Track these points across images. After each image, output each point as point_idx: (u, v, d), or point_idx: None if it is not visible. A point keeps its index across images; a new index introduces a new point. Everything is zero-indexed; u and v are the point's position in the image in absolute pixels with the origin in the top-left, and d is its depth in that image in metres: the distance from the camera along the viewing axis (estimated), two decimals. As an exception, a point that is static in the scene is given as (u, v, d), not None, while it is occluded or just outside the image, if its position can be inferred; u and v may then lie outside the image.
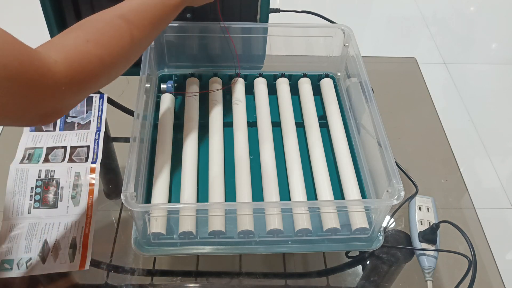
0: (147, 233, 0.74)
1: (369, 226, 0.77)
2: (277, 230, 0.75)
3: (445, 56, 2.34)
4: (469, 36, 2.52)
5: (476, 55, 2.39)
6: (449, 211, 0.91)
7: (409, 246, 0.82)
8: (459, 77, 2.23)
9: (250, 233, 0.76)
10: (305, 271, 0.84)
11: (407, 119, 1.09)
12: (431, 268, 0.78)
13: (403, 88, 1.18)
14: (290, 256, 0.84)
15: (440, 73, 2.26)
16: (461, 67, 2.29)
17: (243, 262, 0.82)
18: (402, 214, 0.86)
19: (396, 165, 0.74)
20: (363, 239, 0.78)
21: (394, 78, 1.20)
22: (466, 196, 0.95)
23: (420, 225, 0.82)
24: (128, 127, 0.76)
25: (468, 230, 0.88)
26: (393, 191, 0.71)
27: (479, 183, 1.78)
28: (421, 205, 0.85)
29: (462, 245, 0.76)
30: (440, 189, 0.95)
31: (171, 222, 0.76)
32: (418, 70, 1.21)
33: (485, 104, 2.11)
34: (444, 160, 1.01)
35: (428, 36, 2.46)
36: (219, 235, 0.76)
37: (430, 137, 1.07)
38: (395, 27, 2.50)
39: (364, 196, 0.82)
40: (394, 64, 1.30)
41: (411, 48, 2.40)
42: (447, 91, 2.17)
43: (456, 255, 0.77)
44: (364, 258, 0.83)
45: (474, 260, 0.74)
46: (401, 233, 0.84)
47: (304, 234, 0.77)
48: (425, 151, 1.02)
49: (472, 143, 1.94)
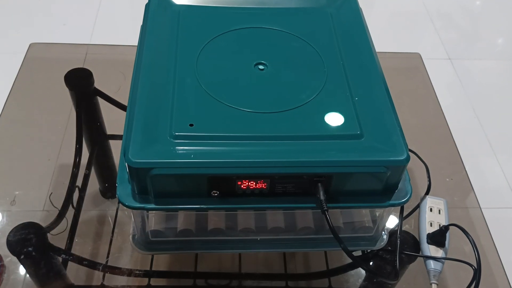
0: (146, 231, 0.75)
1: (373, 225, 0.77)
2: (278, 228, 0.76)
3: (450, 51, 2.35)
4: (475, 31, 2.52)
5: (482, 50, 2.39)
6: (455, 211, 0.91)
7: (415, 247, 0.82)
8: (465, 73, 2.23)
9: (251, 231, 0.76)
10: (306, 272, 0.85)
11: (411, 116, 1.09)
12: (437, 271, 0.77)
13: (406, 85, 1.18)
14: (291, 256, 0.85)
15: (445, 69, 2.26)
16: (466, 62, 2.30)
17: (243, 263, 0.83)
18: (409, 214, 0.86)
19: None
20: (366, 238, 0.79)
21: (397, 74, 1.20)
22: (472, 196, 0.96)
23: (430, 227, 0.82)
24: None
25: (474, 231, 0.88)
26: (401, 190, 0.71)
27: (485, 182, 1.78)
28: (433, 206, 0.84)
29: (468, 247, 0.76)
30: (445, 188, 0.96)
31: (171, 219, 0.77)
32: (422, 66, 1.21)
33: (491, 101, 2.12)
34: (449, 159, 1.02)
35: (433, 31, 2.46)
36: (219, 233, 0.76)
37: (435, 135, 1.07)
38: (399, 21, 2.51)
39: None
40: (397, 60, 1.30)
41: (415, 43, 2.40)
42: (452, 87, 2.17)
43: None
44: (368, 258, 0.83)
45: (478, 269, 0.74)
46: (407, 235, 0.85)
47: (306, 232, 0.77)
48: (429, 149, 1.03)
49: (478, 141, 1.94)
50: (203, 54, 0.77)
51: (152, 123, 0.67)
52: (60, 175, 0.95)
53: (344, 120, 0.69)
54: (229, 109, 0.69)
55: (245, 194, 0.67)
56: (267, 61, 0.77)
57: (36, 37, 1.43)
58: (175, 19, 0.82)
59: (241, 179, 0.65)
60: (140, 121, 0.67)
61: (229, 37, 0.81)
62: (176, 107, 0.69)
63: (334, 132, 0.68)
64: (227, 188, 0.66)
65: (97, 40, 2.16)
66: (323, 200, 0.65)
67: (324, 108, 0.71)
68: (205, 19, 0.83)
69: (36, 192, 0.93)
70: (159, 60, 0.76)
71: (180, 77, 0.73)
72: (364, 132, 0.68)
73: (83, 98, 1.06)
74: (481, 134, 1.96)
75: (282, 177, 0.66)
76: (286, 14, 0.85)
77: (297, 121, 0.69)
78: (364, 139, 0.67)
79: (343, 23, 0.84)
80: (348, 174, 0.66)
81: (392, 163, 0.66)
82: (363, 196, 0.69)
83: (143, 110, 0.68)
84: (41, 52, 1.22)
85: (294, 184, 0.67)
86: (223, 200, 0.68)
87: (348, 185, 0.68)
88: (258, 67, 0.76)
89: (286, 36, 0.82)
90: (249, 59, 0.77)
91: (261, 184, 0.66)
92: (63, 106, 1.06)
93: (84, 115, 1.02)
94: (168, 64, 0.75)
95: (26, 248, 0.80)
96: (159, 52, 0.77)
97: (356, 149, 0.66)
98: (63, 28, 2.24)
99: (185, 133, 0.65)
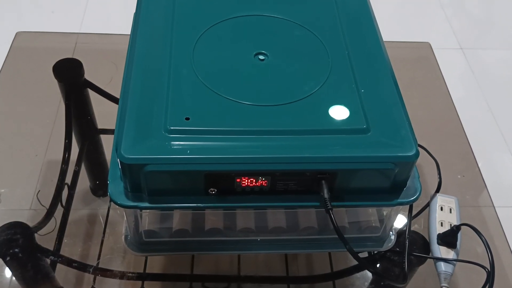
0: (139, 231, 0.75)
1: (380, 225, 0.77)
2: (279, 228, 0.76)
3: (462, 40, 2.34)
4: (489, 19, 2.52)
5: (497, 39, 2.39)
6: (467, 209, 0.91)
7: (425, 248, 0.82)
8: (477, 64, 2.23)
9: (251, 231, 0.76)
10: (309, 275, 0.85)
11: (420, 109, 1.09)
12: (448, 274, 0.77)
13: (416, 76, 1.18)
14: (293, 258, 0.85)
15: (456, 59, 2.26)
16: (479, 52, 2.29)
17: (242, 265, 0.83)
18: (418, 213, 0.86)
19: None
20: (373, 238, 0.79)
21: (406, 65, 1.20)
22: (485, 194, 0.96)
23: (440, 227, 0.81)
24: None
25: (487, 230, 0.88)
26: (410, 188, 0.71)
27: (499, 179, 1.78)
28: (443, 205, 0.84)
29: (481, 248, 0.76)
30: (457, 185, 0.96)
31: (165, 219, 0.77)
32: (432, 56, 1.21)
33: (505, 93, 2.12)
34: (460, 154, 1.02)
35: (444, 19, 2.46)
36: (217, 234, 0.76)
37: (446, 129, 1.07)
38: (407, 8, 2.50)
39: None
40: (406, 50, 1.30)
41: (425, 31, 2.40)
42: (464, 79, 2.17)
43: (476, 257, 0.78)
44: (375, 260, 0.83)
45: (492, 272, 0.74)
46: (416, 235, 0.85)
47: (309, 232, 0.77)
48: (440, 144, 1.03)
49: (492, 136, 1.94)
50: (200, 44, 0.77)
51: (146, 117, 0.66)
52: (48, 171, 0.95)
53: (350, 114, 0.69)
54: (227, 102, 0.69)
55: (244, 192, 0.67)
56: (267, 51, 0.76)
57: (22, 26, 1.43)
58: (170, 6, 0.82)
59: (240, 176, 0.65)
60: (133, 115, 0.66)
61: (228, 26, 0.81)
62: (171, 99, 0.68)
63: (338, 126, 0.68)
64: (226, 185, 0.66)
65: (88, 28, 2.16)
66: (327, 198, 0.65)
67: (328, 100, 0.70)
68: (202, 6, 0.83)
69: (23, 190, 0.93)
70: (153, 50, 0.75)
71: (176, 67, 0.73)
72: (371, 126, 0.67)
73: (72, 90, 1.06)
74: (495, 128, 1.96)
75: (284, 174, 0.65)
76: (288, 1, 0.85)
77: (299, 115, 0.69)
78: (370, 134, 0.67)
79: (348, 10, 0.84)
80: (354, 171, 0.66)
81: (400, 159, 0.65)
82: (370, 194, 0.69)
83: (136, 103, 0.68)
84: (28, 42, 1.22)
85: (297, 182, 0.67)
86: (221, 198, 0.67)
87: (353, 182, 0.68)
88: (258, 57, 0.76)
89: (287, 24, 0.81)
90: (248, 48, 0.77)
91: (262, 182, 0.66)
92: (51, 99, 1.06)
93: (73, 108, 1.02)
94: (163, 54, 0.75)
95: (12, 249, 0.80)
96: (153, 41, 0.77)
97: (362, 144, 0.66)
98: (51, 15, 2.24)
99: (180, 127, 0.65)
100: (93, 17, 2.23)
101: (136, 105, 0.68)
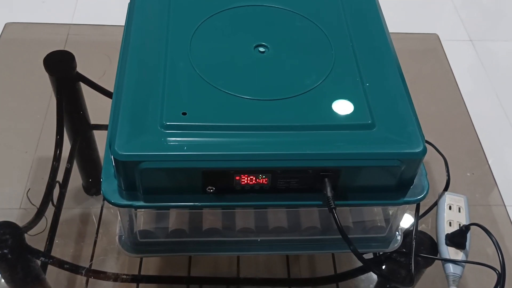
0: (134, 231, 0.75)
1: (386, 224, 0.77)
2: (280, 228, 0.76)
3: (471, 32, 2.34)
4: (499, 9, 2.51)
5: (507, 30, 2.38)
6: (476, 208, 0.91)
7: (432, 249, 0.82)
8: (488, 56, 2.23)
9: (250, 232, 0.76)
10: (312, 277, 0.85)
11: (427, 104, 1.09)
12: (456, 276, 0.77)
13: (423, 68, 1.18)
14: (295, 259, 0.85)
15: (465, 51, 2.26)
16: (489, 44, 2.29)
17: (242, 266, 0.83)
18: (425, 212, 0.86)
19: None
20: (378, 239, 0.79)
21: (413, 57, 1.20)
22: (495, 192, 0.96)
23: (449, 227, 0.81)
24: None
25: (498, 231, 0.88)
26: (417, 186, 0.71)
27: (510, 176, 1.78)
28: (452, 204, 0.84)
29: (492, 248, 0.76)
30: (466, 183, 0.96)
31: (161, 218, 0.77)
32: (440, 48, 1.21)
33: (517, 87, 2.12)
34: (470, 151, 1.02)
35: (452, 10, 2.46)
36: (215, 234, 0.76)
37: (455, 124, 1.07)
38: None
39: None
40: (413, 41, 1.30)
41: (433, 23, 2.40)
42: (474, 72, 2.17)
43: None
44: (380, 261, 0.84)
45: (503, 274, 0.74)
46: (423, 235, 0.85)
47: (311, 232, 0.77)
48: (448, 140, 1.03)
49: (502, 132, 1.94)
50: (197, 35, 0.77)
51: (141, 112, 0.66)
52: (39, 169, 0.95)
53: (354, 108, 0.69)
54: (226, 96, 0.69)
55: (244, 190, 0.67)
56: (268, 43, 0.76)
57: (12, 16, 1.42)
58: (166, -4, 0.82)
59: (240, 173, 0.65)
60: (128, 109, 0.66)
61: (227, 16, 0.80)
62: (167, 93, 0.68)
63: (342, 122, 0.68)
64: (224, 183, 0.66)
65: (80, 19, 2.16)
66: (330, 197, 0.65)
67: (331, 95, 0.70)
68: (199, -5, 0.83)
69: (12, 188, 0.93)
70: (148, 42, 0.75)
71: (172, 60, 0.73)
72: (376, 121, 0.67)
73: (64, 83, 1.05)
74: (506, 123, 1.96)
75: (285, 172, 0.65)
76: (290, -10, 0.85)
77: (301, 110, 0.69)
78: (376, 129, 0.67)
79: (352, 0, 0.84)
80: (358, 168, 0.66)
81: (407, 156, 0.65)
82: (375, 192, 0.69)
83: (131, 97, 0.68)
84: (17, 33, 1.22)
85: (298, 179, 0.67)
86: (220, 197, 0.67)
87: (358, 180, 0.68)
88: (258, 49, 0.76)
89: (289, 15, 0.81)
90: (248, 40, 0.77)
91: (262, 179, 0.66)
92: (42, 93, 1.06)
93: (65, 103, 1.02)
94: (158, 46, 0.75)
95: (1, 250, 0.80)
96: (149, 32, 0.77)
97: (367, 140, 0.66)
98: (42, 6, 2.24)
99: (177, 123, 0.65)
100: (85, 7, 2.23)
101: (130, 99, 0.68)
